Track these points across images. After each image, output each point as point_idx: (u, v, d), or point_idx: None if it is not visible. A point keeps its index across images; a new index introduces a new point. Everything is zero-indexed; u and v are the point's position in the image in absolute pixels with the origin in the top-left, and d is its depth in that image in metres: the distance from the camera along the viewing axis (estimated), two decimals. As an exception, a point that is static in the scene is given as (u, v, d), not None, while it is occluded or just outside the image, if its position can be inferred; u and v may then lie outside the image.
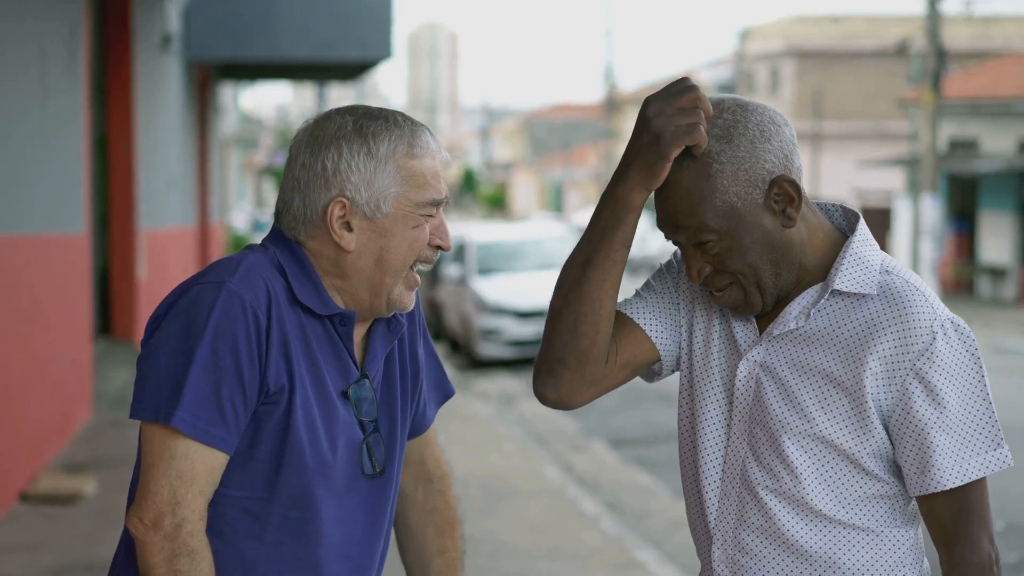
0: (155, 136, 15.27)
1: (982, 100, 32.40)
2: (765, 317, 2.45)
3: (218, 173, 28.76)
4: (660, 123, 2.32)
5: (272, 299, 2.34)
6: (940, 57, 29.14)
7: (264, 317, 2.32)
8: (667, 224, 2.39)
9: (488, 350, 17.89)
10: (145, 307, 14.23)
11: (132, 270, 13.77)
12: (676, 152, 2.32)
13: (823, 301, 2.39)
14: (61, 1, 9.74)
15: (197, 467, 2.28)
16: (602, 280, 2.42)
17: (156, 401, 2.28)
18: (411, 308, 2.45)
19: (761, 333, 2.44)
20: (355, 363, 2.44)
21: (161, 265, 15.62)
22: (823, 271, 2.42)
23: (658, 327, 2.52)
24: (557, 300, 2.45)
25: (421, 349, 2.62)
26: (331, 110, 2.45)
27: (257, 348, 2.31)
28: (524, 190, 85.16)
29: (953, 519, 2.35)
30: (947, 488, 2.33)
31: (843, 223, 2.49)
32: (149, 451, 2.30)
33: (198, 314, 2.30)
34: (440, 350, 17.66)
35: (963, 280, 31.85)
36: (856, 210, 2.48)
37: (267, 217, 77.31)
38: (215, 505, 2.35)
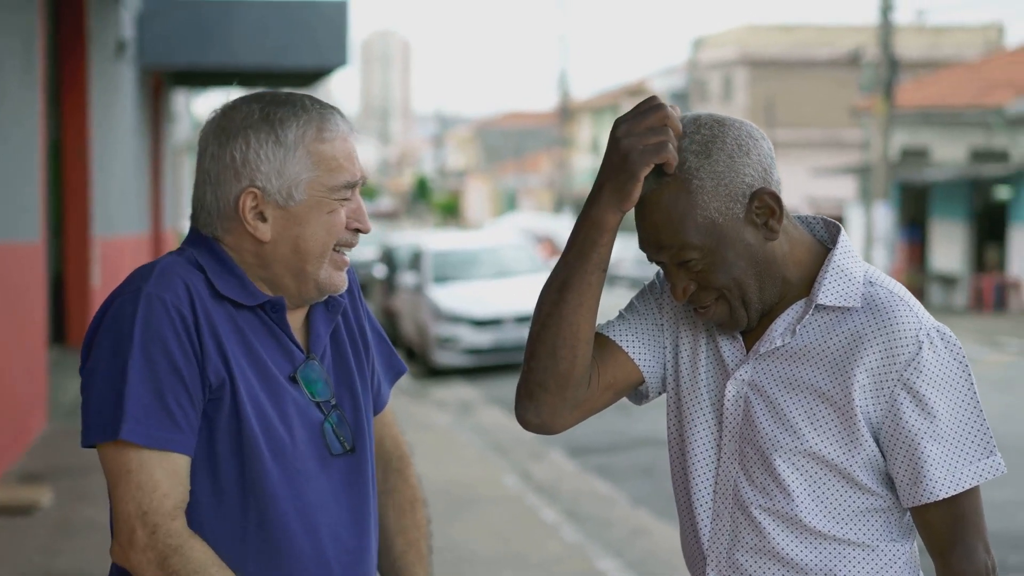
0: (109, 143, 15.16)
1: (933, 109, 32.66)
2: (751, 334, 2.44)
3: (171, 180, 28.61)
4: (629, 143, 2.31)
5: (194, 296, 2.31)
6: (892, 66, 29.37)
7: (189, 313, 2.29)
8: (649, 244, 2.37)
9: (444, 358, 17.85)
10: (100, 315, 14.11)
11: (87, 278, 13.66)
12: (646, 171, 2.31)
13: (808, 316, 2.38)
14: (16, 7, 9.64)
15: (156, 475, 2.25)
16: (579, 303, 2.40)
17: (101, 421, 2.26)
18: (344, 288, 2.42)
19: (748, 351, 2.42)
20: (298, 346, 2.41)
21: (115, 273, 15.50)
22: (806, 285, 2.40)
23: (641, 349, 2.50)
24: (535, 325, 2.43)
25: (367, 323, 2.59)
26: (238, 99, 2.40)
27: (189, 344, 2.28)
28: (477, 197, 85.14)
29: (948, 529, 2.33)
30: (940, 498, 2.31)
31: (825, 236, 2.47)
32: (108, 472, 2.27)
33: (122, 326, 2.27)
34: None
35: (915, 288, 32.04)
36: (837, 222, 2.47)
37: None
38: (192, 515, 2.31)
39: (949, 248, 31.46)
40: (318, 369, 2.43)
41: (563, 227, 42.83)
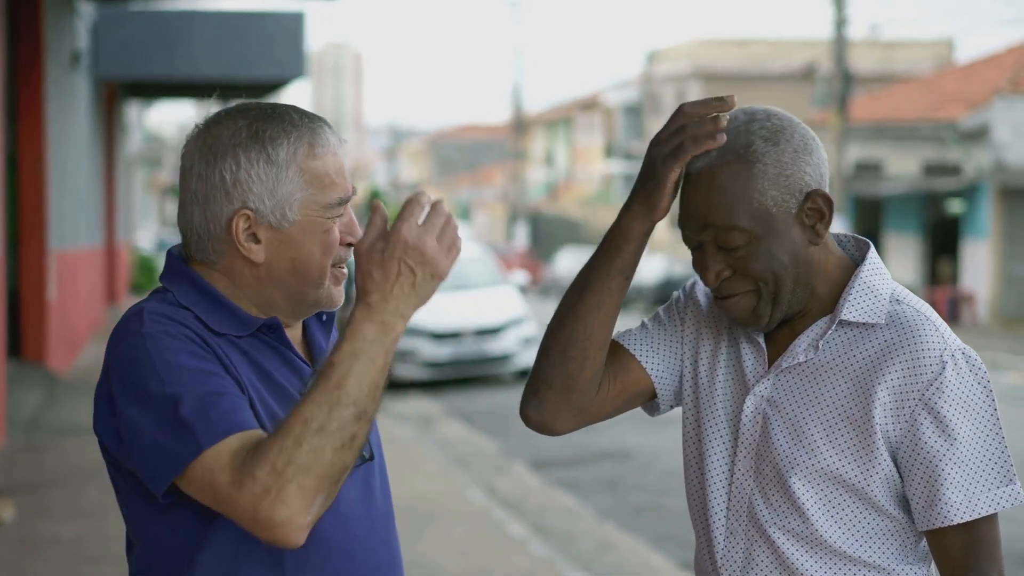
0: (65, 155, 15.02)
1: (887, 123, 32.87)
2: (773, 350, 2.40)
3: (124, 192, 28.42)
4: (654, 152, 2.33)
5: (193, 329, 2.22)
6: (846, 81, 29.55)
7: (199, 339, 2.20)
8: (694, 221, 2.32)
9: (403, 371, 17.76)
10: (55, 328, 13.96)
11: (43, 291, 13.51)
12: (672, 175, 2.30)
13: (831, 332, 2.34)
14: (-25, 16, 9.53)
15: (233, 446, 2.09)
16: (596, 306, 2.39)
17: (177, 450, 2.09)
18: (342, 302, 2.35)
19: (769, 366, 2.39)
20: (303, 360, 2.35)
21: (71, 286, 15.36)
22: (832, 300, 2.37)
23: (655, 359, 2.48)
24: (553, 322, 2.43)
25: None
26: (220, 112, 2.31)
27: (215, 357, 2.19)
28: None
29: (963, 555, 2.28)
30: (955, 523, 2.27)
31: (855, 253, 2.44)
32: (197, 494, 2.11)
33: (135, 367, 2.15)
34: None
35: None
36: (868, 240, 2.45)
37: (172, 237, 76.61)
38: (220, 549, 2.22)
39: (903, 261, 31.66)
40: None
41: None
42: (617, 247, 2.38)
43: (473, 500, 9.74)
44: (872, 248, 2.42)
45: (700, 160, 2.30)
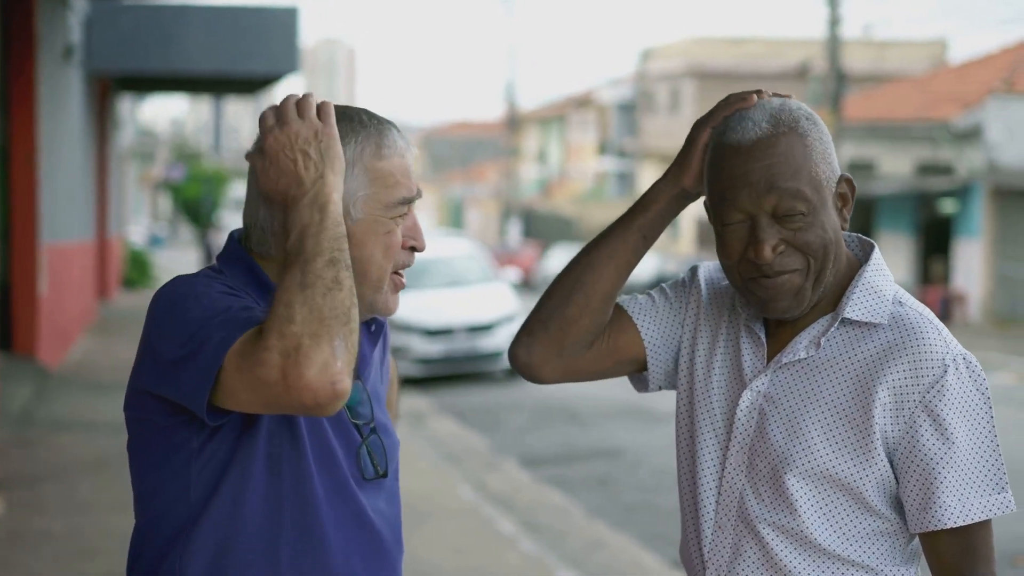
0: (57, 148, 14.99)
1: (880, 123, 32.91)
2: (773, 344, 2.40)
3: (116, 187, 28.38)
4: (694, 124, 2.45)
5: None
6: (839, 80, 29.57)
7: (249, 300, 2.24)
8: (755, 187, 2.29)
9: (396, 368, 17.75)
10: (47, 322, 13.94)
11: (34, 284, 13.49)
12: (702, 136, 2.41)
13: (833, 329, 2.34)
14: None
15: (241, 339, 2.12)
16: (609, 256, 2.45)
17: (207, 362, 2.12)
18: (396, 311, 2.37)
19: (768, 361, 2.38)
20: None
21: (62, 279, 15.33)
22: (835, 298, 2.37)
23: (654, 331, 2.50)
24: (564, 269, 2.47)
25: (388, 350, 2.55)
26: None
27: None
28: (424, 207, 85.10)
29: (957, 559, 2.29)
30: (948, 527, 2.27)
31: (859, 252, 2.45)
32: (233, 400, 2.13)
33: (180, 304, 2.19)
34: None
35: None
36: (872, 241, 2.45)
37: (164, 231, 76.54)
38: (223, 552, 2.24)
39: (895, 261, 31.69)
40: (361, 391, 2.37)
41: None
42: (644, 205, 2.47)
43: (464, 497, 9.74)
44: (876, 249, 2.42)
45: (751, 132, 2.31)
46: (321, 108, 2.25)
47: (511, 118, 57.99)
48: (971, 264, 29.46)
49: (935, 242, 31.21)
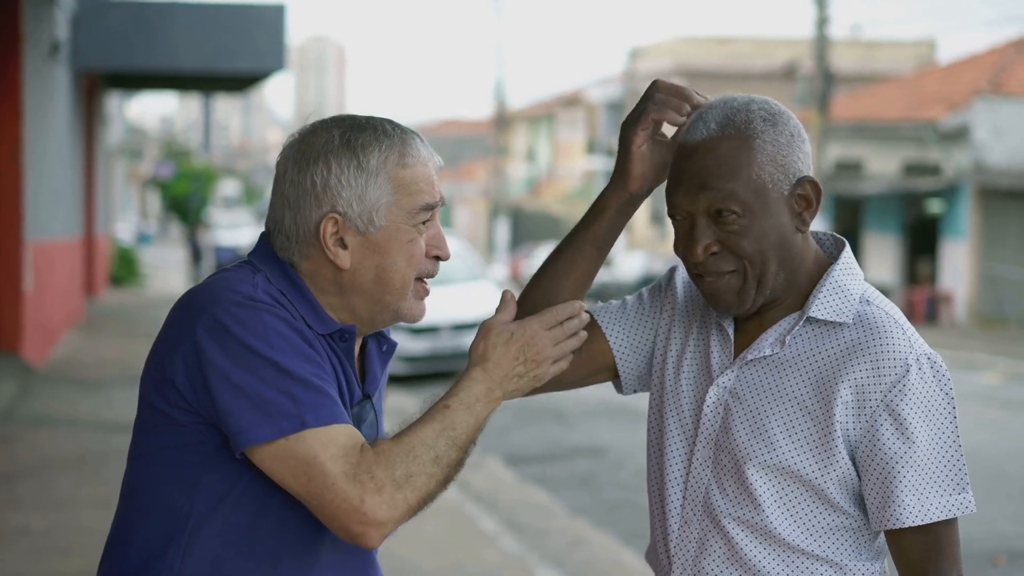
0: (43, 145, 14.96)
1: (867, 122, 32.95)
2: (742, 339, 2.42)
3: (104, 183, 28.33)
4: (623, 123, 2.44)
5: (293, 324, 2.28)
6: (827, 79, 29.62)
7: (298, 329, 2.27)
8: (689, 187, 2.33)
9: (380, 366, 17.74)
10: (31, 319, 13.92)
11: (19, 282, 13.46)
12: (635, 139, 2.42)
13: (799, 327, 2.36)
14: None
15: (339, 440, 2.19)
16: (567, 270, 2.48)
17: (279, 416, 2.17)
18: (422, 318, 2.40)
19: (736, 357, 2.40)
20: (358, 381, 2.38)
21: (47, 276, 15.31)
22: (804, 295, 2.38)
23: (622, 338, 2.52)
24: (527, 284, 2.51)
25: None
26: (316, 123, 2.37)
27: (306, 340, 2.26)
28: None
29: (922, 558, 2.30)
30: (906, 525, 2.28)
31: (832, 250, 2.45)
32: (278, 468, 2.18)
33: (243, 325, 2.20)
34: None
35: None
36: (843, 239, 2.46)
37: (154, 229, 76.40)
38: (207, 538, 2.24)
39: (882, 261, 31.74)
40: (369, 410, 2.40)
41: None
42: (593, 216, 2.48)
43: (446, 495, 9.67)
44: (847, 247, 2.42)
45: (698, 132, 2.33)
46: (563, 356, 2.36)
47: (500, 117, 57.97)
48: (957, 264, 29.52)
49: (922, 242, 31.27)
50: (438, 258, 2.38)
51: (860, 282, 2.38)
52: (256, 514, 2.25)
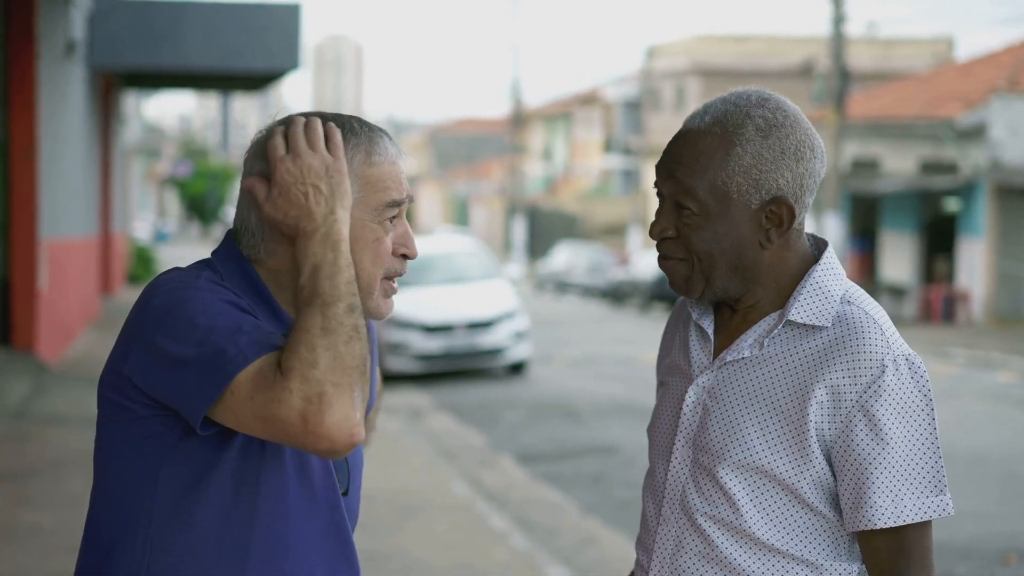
0: (58, 143, 15.01)
1: (884, 121, 32.85)
2: (724, 337, 2.42)
3: (121, 182, 28.40)
4: None
5: (237, 304, 2.24)
6: (844, 78, 29.53)
7: (240, 307, 2.22)
8: (664, 169, 2.37)
9: (395, 364, 17.77)
10: (46, 317, 13.97)
11: (33, 280, 13.51)
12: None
13: (778, 329, 2.35)
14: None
15: (256, 367, 2.11)
16: None
17: (211, 377, 2.11)
18: (389, 314, 2.36)
19: (715, 358, 2.41)
20: None
21: (62, 275, 15.36)
22: (786, 296, 2.38)
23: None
24: None
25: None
26: (282, 119, 2.34)
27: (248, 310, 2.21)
28: (429, 204, 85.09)
29: (891, 560, 2.29)
30: (879, 527, 2.27)
31: (815, 251, 2.45)
32: (234, 420, 2.12)
33: (183, 306, 2.16)
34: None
35: (864, 298, 32.18)
36: (824, 239, 2.45)
37: (173, 228, 76.55)
38: (188, 555, 2.22)
39: (899, 259, 31.65)
40: None
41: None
42: None
43: (457, 493, 9.75)
44: (829, 247, 2.42)
45: (695, 119, 2.35)
46: (330, 139, 2.24)
47: (517, 115, 57.94)
48: (974, 263, 29.42)
49: (938, 241, 31.15)
50: (406, 256, 2.35)
51: (842, 282, 2.38)
52: (222, 505, 2.22)
